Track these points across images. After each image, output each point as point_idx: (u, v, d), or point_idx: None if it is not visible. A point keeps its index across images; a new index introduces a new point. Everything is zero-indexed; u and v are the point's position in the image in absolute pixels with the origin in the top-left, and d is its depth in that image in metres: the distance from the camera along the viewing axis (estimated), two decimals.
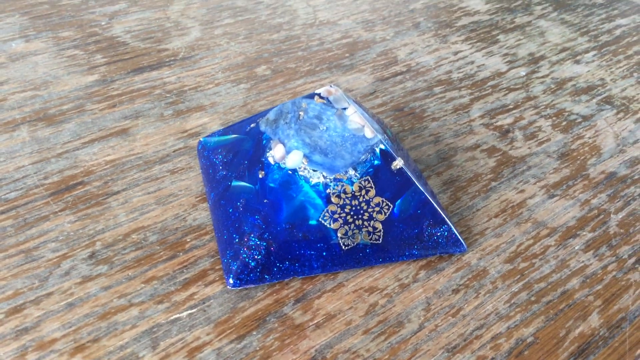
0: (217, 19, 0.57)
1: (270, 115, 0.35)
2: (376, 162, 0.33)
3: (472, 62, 0.53)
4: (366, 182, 0.32)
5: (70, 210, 0.34)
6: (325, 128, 0.33)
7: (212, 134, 0.39)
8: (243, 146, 0.36)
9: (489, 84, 0.50)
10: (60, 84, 0.45)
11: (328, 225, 0.31)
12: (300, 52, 0.53)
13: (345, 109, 0.33)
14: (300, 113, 0.34)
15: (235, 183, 0.34)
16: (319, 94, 0.34)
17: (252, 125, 0.36)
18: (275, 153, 0.32)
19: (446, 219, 0.33)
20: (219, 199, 0.34)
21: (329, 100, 0.34)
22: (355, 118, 0.33)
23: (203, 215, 0.35)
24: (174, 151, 0.40)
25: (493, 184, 0.39)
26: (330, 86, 0.34)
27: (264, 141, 0.34)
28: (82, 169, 0.37)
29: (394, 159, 0.33)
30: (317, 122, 0.33)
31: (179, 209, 0.35)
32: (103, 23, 0.55)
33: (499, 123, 0.45)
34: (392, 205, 0.33)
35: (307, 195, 0.32)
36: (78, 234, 0.33)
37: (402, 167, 0.33)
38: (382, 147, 0.33)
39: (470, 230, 0.35)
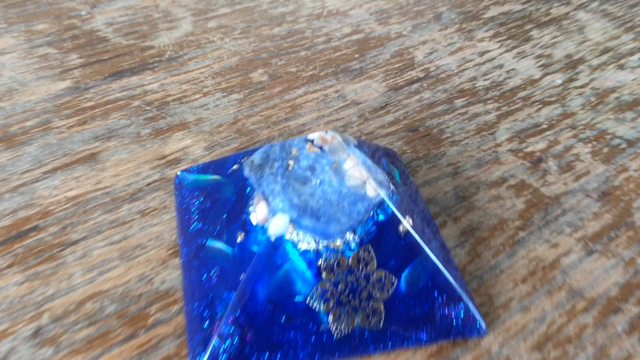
0: (211, 8, 0.50)
1: (256, 158, 0.29)
2: (379, 224, 0.27)
3: (501, 66, 0.46)
4: (366, 252, 0.26)
5: (18, 266, 0.29)
6: (318, 182, 0.27)
7: (191, 169, 0.33)
8: (223, 193, 0.30)
9: (520, 94, 0.43)
10: (26, 93, 0.40)
11: (317, 307, 0.26)
12: (304, 51, 0.46)
13: (343, 160, 0.27)
14: (289, 162, 0.27)
15: (210, 243, 0.28)
16: (312, 140, 0.28)
17: (234, 166, 0.30)
18: (257, 212, 0.27)
19: (463, 294, 0.28)
20: (191, 259, 0.29)
21: (323, 150, 0.28)
22: (355, 173, 0.27)
23: (173, 275, 0.29)
24: (147, 185, 0.34)
25: (521, 234, 0.33)
26: (326, 132, 0.28)
27: (248, 189, 0.29)
28: (38, 208, 0.32)
29: (401, 222, 0.27)
30: (309, 174, 0.27)
31: (146, 267, 0.30)
32: (83, 13, 0.48)
33: (529, 149, 0.39)
34: (396, 280, 0.27)
35: (293, 264, 0.27)
36: (24, 302, 0.28)
37: (410, 230, 0.27)
38: (387, 206, 0.27)
39: (492, 302, 0.29)
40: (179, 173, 0.33)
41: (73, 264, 0.30)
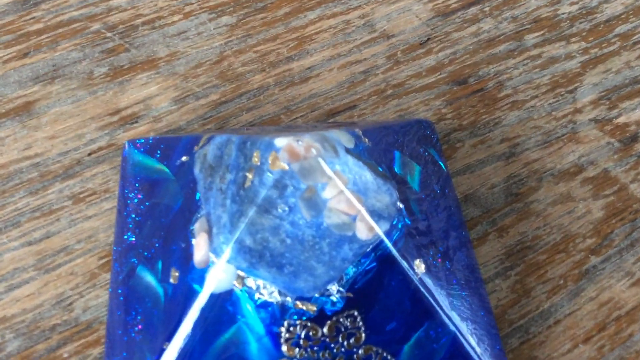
0: None
1: (209, 153, 0.20)
2: (377, 267, 0.18)
3: None
4: (349, 319, 0.18)
5: None
6: (287, 210, 0.18)
7: (139, 142, 0.24)
8: (167, 195, 0.21)
9: (618, 30, 0.31)
10: None
11: None
12: None
13: (322, 186, 0.18)
14: (247, 175, 0.18)
15: (141, 271, 0.20)
16: (278, 149, 0.18)
17: (184, 158, 0.21)
18: (195, 248, 0.18)
19: None
20: (119, 284, 0.21)
21: (291, 169, 0.18)
22: (339, 205, 0.17)
23: (101, 300, 0.22)
24: (89, 154, 0.25)
25: (593, 260, 0.23)
26: (298, 142, 0.18)
27: (198, 195, 0.20)
28: None
29: (406, 272, 0.18)
30: (274, 196, 0.18)
31: (68, 284, 0.22)
32: None
33: (621, 119, 0.27)
34: (394, 359, 0.18)
35: (247, 321, 0.18)
36: None
37: (417, 283, 0.18)
38: (388, 249, 0.18)
39: None
40: (127, 144, 0.24)
41: None
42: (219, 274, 0.17)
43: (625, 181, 0.26)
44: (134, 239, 0.21)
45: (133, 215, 0.22)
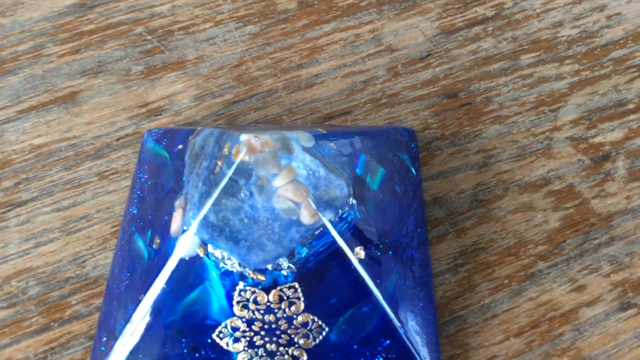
0: None
1: (197, 143, 0.24)
2: (324, 256, 0.22)
3: (603, 8, 0.35)
4: (291, 290, 0.21)
5: None
6: (247, 194, 0.22)
7: (154, 131, 0.28)
8: (163, 176, 0.25)
9: (613, 54, 0.33)
10: (31, 8, 0.36)
11: (225, 346, 0.22)
12: None
13: (274, 176, 0.21)
14: (217, 162, 0.22)
15: (135, 237, 0.24)
16: (241, 143, 0.22)
17: (180, 146, 0.25)
18: (173, 221, 0.22)
19: (416, 347, 0.22)
20: (120, 248, 0.25)
21: (250, 161, 0.22)
22: (286, 192, 0.21)
23: (108, 261, 0.26)
24: (117, 139, 0.30)
25: (540, 265, 0.26)
26: (255, 137, 0.21)
27: (184, 178, 0.24)
28: (0, 156, 0.30)
29: (346, 255, 0.21)
30: (240, 182, 0.22)
31: (84, 245, 0.27)
32: None
33: (597, 139, 0.29)
34: (326, 328, 0.22)
35: (212, 284, 0.22)
36: None
37: (356, 266, 0.21)
38: (330, 235, 0.21)
39: (467, 357, 0.23)
40: (146, 133, 0.29)
41: (13, 230, 0.27)
42: (187, 242, 0.21)
43: (587, 196, 0.28)
44: (135, 211, 0.26)
45: (139, 192, 0.26)
